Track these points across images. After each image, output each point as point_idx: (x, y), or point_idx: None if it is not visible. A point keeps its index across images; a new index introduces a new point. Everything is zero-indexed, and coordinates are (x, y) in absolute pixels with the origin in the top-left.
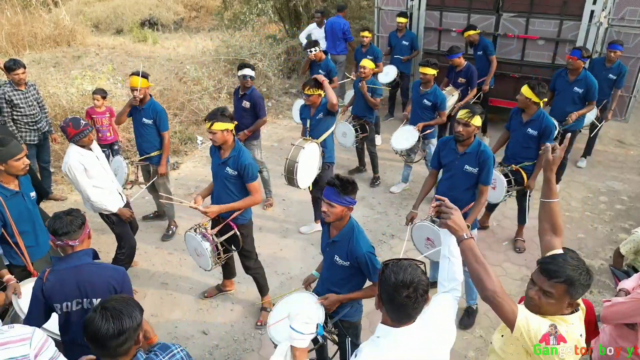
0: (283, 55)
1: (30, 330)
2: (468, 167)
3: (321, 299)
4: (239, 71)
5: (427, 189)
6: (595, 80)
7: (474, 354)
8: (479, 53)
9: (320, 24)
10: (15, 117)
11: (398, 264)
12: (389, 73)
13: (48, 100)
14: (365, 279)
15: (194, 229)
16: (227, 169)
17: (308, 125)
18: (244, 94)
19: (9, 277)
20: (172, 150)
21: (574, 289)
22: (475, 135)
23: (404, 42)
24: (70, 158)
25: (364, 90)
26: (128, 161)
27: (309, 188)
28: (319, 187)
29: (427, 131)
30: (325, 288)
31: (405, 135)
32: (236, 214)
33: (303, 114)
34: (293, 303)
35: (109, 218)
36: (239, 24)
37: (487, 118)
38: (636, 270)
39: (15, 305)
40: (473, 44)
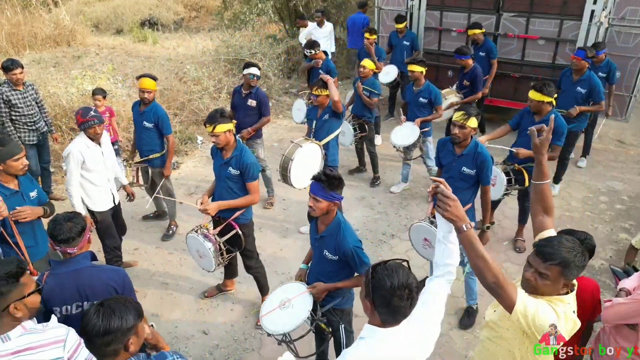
0: (283, 55)
1: (64, 331)
2: (465, 169)
3: (310, 288)
4: (244, 70)
5: None
6: (599, 81)
7: (474, 354)
8: (481, 54)
9: (321, 24)
10: (13, 118)
11: (387, 267)
12: (389, 73)
13: (48, 100)
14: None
15: (195, 230)
16: (230, 169)
17: (314, 127)
18: (250, 92)
19: None
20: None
21: (569, 270)
22: (473, 136)
23: (404, 42)
24: (73, 145)
25: (360, 90)
26: (126, 163)
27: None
28: None
29: (425, 129)
30: (315, 279)
31: (408, 132)
32: (238, 213)
33: (310, 115)
34: (283, 292)
35: (93, 215)
36: (238, 24)
37: (484, 118)
38: (636, 270)
39: None
40: (477, 43)
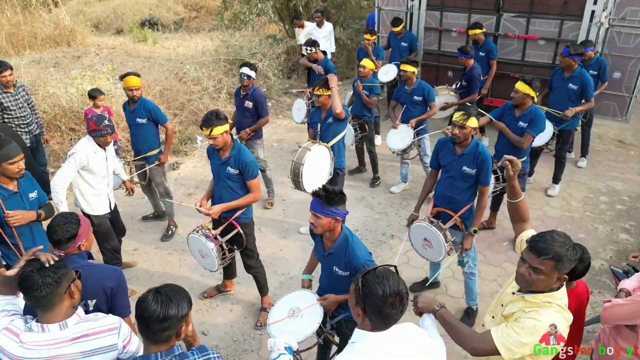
0: (283, 55)
1: (117, 320)
2: (466, 169)
3: (321, 300)
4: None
5: (428, 189)
6: (591, 78)
7: None
8: (481, 54)
9: (320, 24)
10: (5, 120)
11: (377, 274)
12: (389, 72)
13: (47, 100)
14: None
15: (197, 231)
16: (229, 168)
17: (318, 129)
18: (246, 93)
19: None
20: (172, 150)
21: (562, 264)
22: (473, 136)
23: (402, 44)
24: (81, 148)
25: (359, 89)
26: (123, 162)
27: None
28: None
29: (420, 127)
30: (325, 294)
31: (402, 135)
32: (239, 213)
33: (314, 118)
34: (292, 300)
35: (90, 219)
36: (238, 24)
37: None
38: (637, 271)
39: None
40: (477, 43)
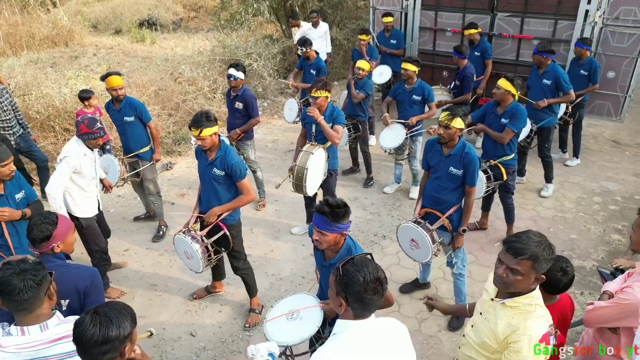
0: (279, 55)
1: None
2: (453, 169)
3: (323, 304)
4: None
5: (424, 190)
6: (563, 72)
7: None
8: (476, 53)
9: (316, 25)
10: None
11: (355, 262)
12: (383, 73)
13: (41, 100)
14: None
15: (183, 232)
16: (215, 169)
17: (314, 131)
18: (236, 94)
19: None
20: (166, 150)
21: (539, 263)
22: (461, 137)
23: (392, 42)
24: (73, 152)
25: (351, 82)
26: (119, 160)
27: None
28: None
29: (416, 128)
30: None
31: (394, 133)
32: (225, 214)
33: (309, 119)
34: (294, 301)
35: (79, 222)
36: (234, 24)
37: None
38: (622, 272)
39: None
40: (473, 43)
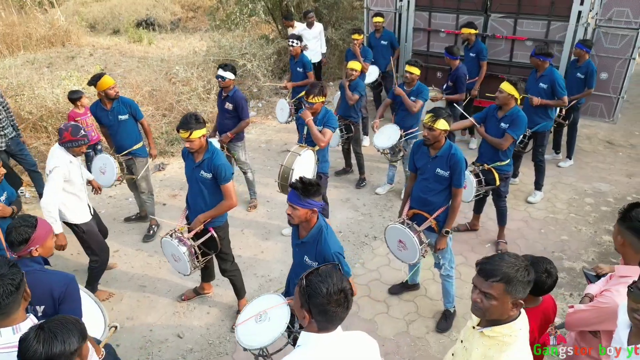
0: (274, 56)
1: None
2: (440, 171)
3: (289, 299)
4: None
5: (410, 192)
6: (560, 76)
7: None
8: (471, 54)
9: (310, 25)
10: None
11: (320, 273)
12: (371, 73)
13: (34, 101)
14: None
15: (170, 234)
16: (202, 172)
17: (305, 132)
18: (227, 95)
19: None
20: (159, 151)
21: (513, 286)
22: (447, 138)
23: (382, 42)
24: (57, 159)
25: (345, 84)
26: (114, 158)
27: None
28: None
29: (412, 129)
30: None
31: (389, 133)
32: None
33: (300, 120)
34: (260, 304)
35: (79, 228)
36: (230, 24)
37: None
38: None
39: None
40: (468, 43)
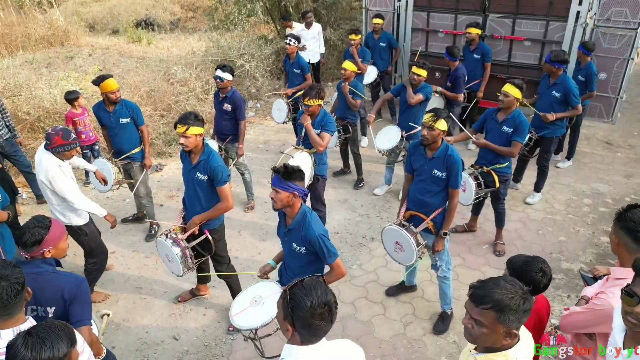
0: (272, 56)
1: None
2: (437, 172)
3: (284, 288)
4: None
5: (407, 193)
6: (574, 84)
7: None
8: (475, 56)
9: (309, 25)
10: None
11: (304, 285)
12: (369, 73)
13: (31, 101)
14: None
15: (165, 235)
16: (198, 174)
17: (302, 134)
18: (225, 96)
19: None
20: (157, 152)
21: (505, 315)
22: (444, 139)
23: (381, 44)
24: (49, 166)
25: (346, 91)
26: (111, 162)
27: None
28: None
29: (413, 131)
30: (288, 277)
31: (389, 136)
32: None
33: (298, 122)
34: (255, 291)
35: (81, 230)
36: (228, 24)
37: (474, 120)
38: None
39: None
40: (471, 44)
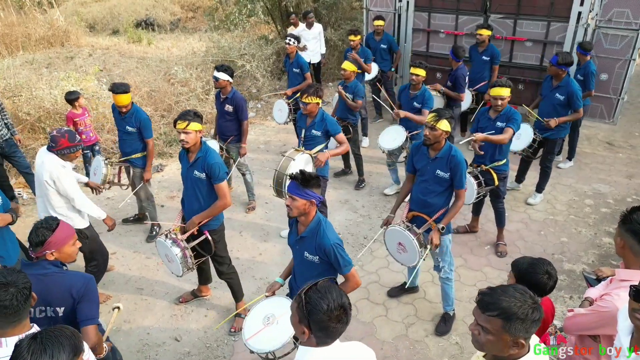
0: (273, 56)
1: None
2: (440, 172)
3: (300, 292)
4: None
5: (405, 193)
6: (577, 87)
7: None
8: (484, 57)
9: (310, 26)
10: None
11: (319, 288)
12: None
13: (31, 102)
14: (337, 274)
15: (165, 235)
16: (195, 172)
17: (303, 135)
18: (226, 97)
19: None
20: (157, 152)
21: (512, 324)
22: (447, 139)
23: (382, 46)
24: (53, 166)
25: (342, 94)
26: (107, 161)
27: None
28: None
29: (415, 132)
30: (299, 288)
31: (393, 136)
32: (206, 220)
33: (299, 123)
34: (267, 308)
35: (82, 233)
36: (228, 24)
37: None
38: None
39: None
40: (480, 45)
